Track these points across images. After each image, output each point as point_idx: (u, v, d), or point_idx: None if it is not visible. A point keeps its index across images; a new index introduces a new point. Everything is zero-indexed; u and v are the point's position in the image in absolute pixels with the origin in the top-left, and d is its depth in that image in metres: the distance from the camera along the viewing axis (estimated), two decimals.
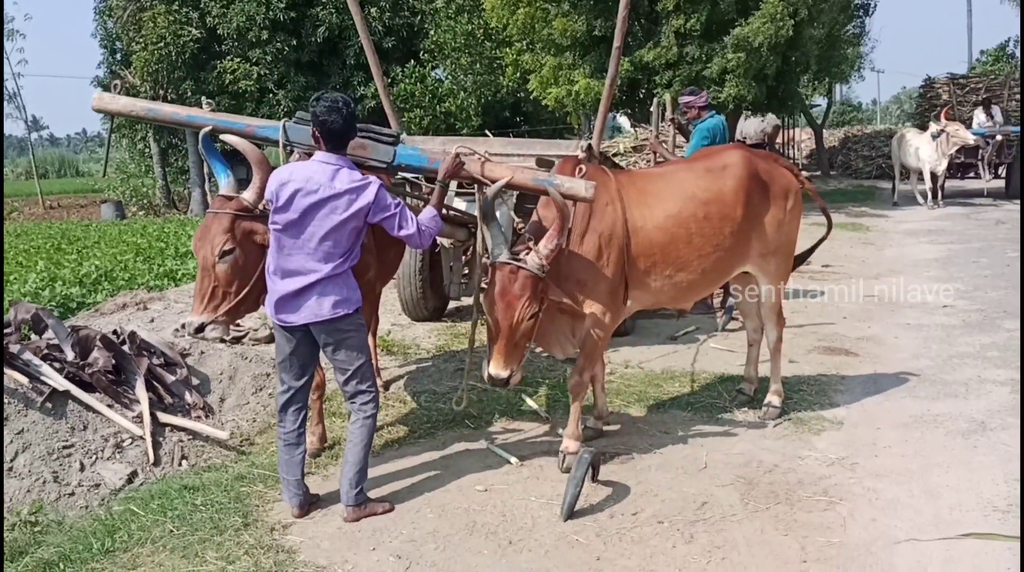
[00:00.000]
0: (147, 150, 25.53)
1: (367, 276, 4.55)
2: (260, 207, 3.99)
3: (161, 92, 20.06)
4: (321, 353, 3.94)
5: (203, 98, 5.02)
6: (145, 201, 24.40)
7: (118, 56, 23.12)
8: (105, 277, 8.60)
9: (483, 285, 4.28)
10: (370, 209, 3.69)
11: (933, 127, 15.54)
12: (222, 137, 4.42)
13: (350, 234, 3.70)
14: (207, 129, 4.21)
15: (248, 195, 4.03)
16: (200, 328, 3.96)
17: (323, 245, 3.66)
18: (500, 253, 3.90)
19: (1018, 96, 18.76)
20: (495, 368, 3.91)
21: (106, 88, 22.55)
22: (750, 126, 26.29)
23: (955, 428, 4.78)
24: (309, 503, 3.97)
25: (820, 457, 4.44)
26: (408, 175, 5.20)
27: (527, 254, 3.86)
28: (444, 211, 5.03)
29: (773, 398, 5.08)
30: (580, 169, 4.16)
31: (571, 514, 3.80)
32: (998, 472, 4.16)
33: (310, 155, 3.89)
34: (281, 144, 4.29)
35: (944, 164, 15.39)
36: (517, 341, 3.90)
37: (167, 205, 23.80)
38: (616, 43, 5.39)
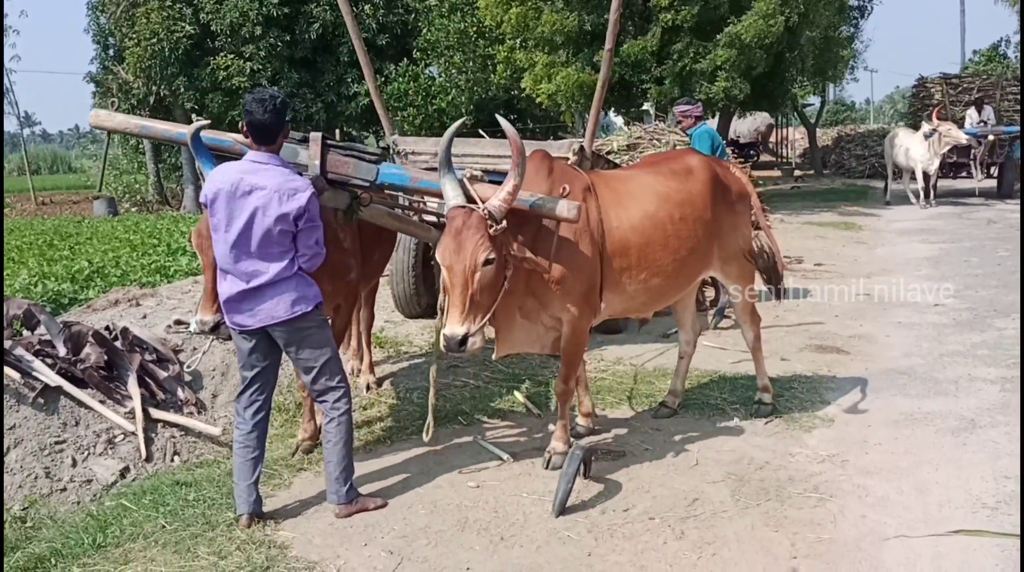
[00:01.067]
0: (140, 146, 25.44)
1: (348, 277, 4.54)
2: None
3: (154, 88, 19.98)
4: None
5: (193, 115, 5.01)
6: (138, 197, 24.33)
7: (111, 52, 22.98)
8: (97, 273, 8.58)
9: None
10: (301, 215, 3.59)
11: (925, 127, 15.59)
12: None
13: (283, 235, 3.60)
14: (196, 126, 4.19)
15: None
16: (215, 327, 3.95)
17: (261, 246, 3.58)
18: (456, 202, 3.74)
19: (1011, 96, 18.85)
20: (449, 325, 3.61)
21: (99, 85, 22.52)
22: (744, 125, 26.29)
23: (945, 426, 4.81)
24: (259, 513, 3.81)
25: (811, 454, 4.46)
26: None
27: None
28: (437, 219, 5.03)
29: (763, 396, 5.09)
30: (564, 189, 4.01)
31: (562, 510, 3.80)
32: (987, 469, 4.18)
33: (300, 174, 3.82)
34: None
35: (936, 163, 15.43)
36: (474, 295, 3.62)
37: (160, 201, 23.71)
38: (608, 45, 5.39)
